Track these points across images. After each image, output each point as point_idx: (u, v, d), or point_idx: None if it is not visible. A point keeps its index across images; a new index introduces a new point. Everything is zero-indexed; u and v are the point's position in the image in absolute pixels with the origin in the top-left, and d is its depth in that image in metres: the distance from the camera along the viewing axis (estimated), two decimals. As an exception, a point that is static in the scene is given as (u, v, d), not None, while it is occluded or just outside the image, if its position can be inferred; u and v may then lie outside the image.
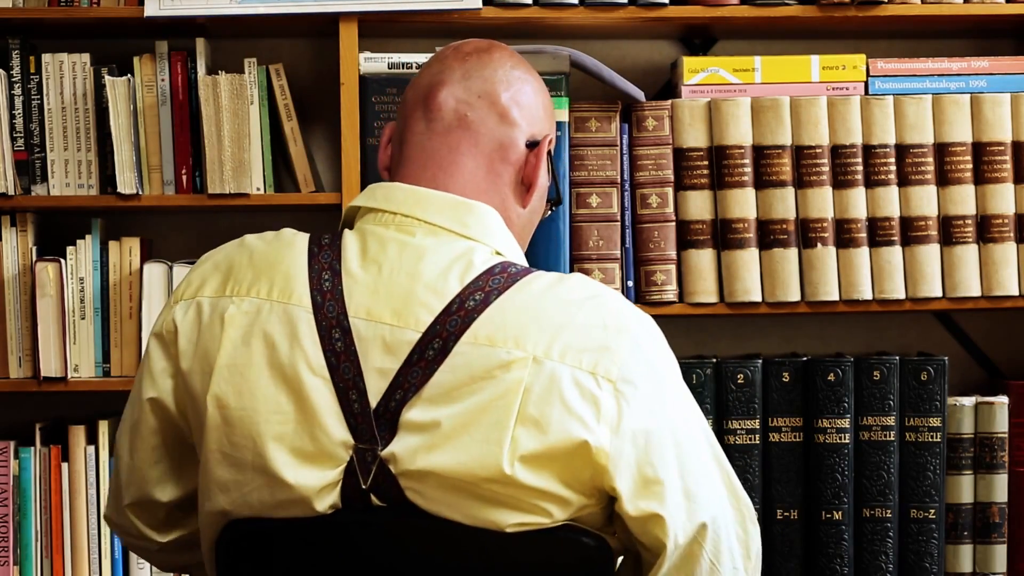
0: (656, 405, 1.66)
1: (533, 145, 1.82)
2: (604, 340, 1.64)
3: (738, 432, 2.53)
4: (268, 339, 1.67)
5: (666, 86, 2.75)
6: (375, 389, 1.64)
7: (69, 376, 2.56)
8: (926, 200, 2.57)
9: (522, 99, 1.82)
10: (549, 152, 1.86)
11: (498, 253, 1.74)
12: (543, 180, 1.85)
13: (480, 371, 1.62)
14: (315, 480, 1.65)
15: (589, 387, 1.63)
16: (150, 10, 2.51)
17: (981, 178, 2.58)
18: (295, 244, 1.74)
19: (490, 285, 1.66)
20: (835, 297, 2.57)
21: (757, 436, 2.54)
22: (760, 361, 2.55)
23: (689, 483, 1.67)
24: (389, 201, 1.75)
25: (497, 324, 1.63)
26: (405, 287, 1.67)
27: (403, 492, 1.64)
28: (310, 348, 1.66)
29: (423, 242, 1.71)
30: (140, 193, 2.56)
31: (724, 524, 1.69)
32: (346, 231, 1.76)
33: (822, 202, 2.56)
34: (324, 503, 1.66)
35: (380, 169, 1.87)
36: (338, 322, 1.66)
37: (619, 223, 2.56)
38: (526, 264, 1.77)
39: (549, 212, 1.96)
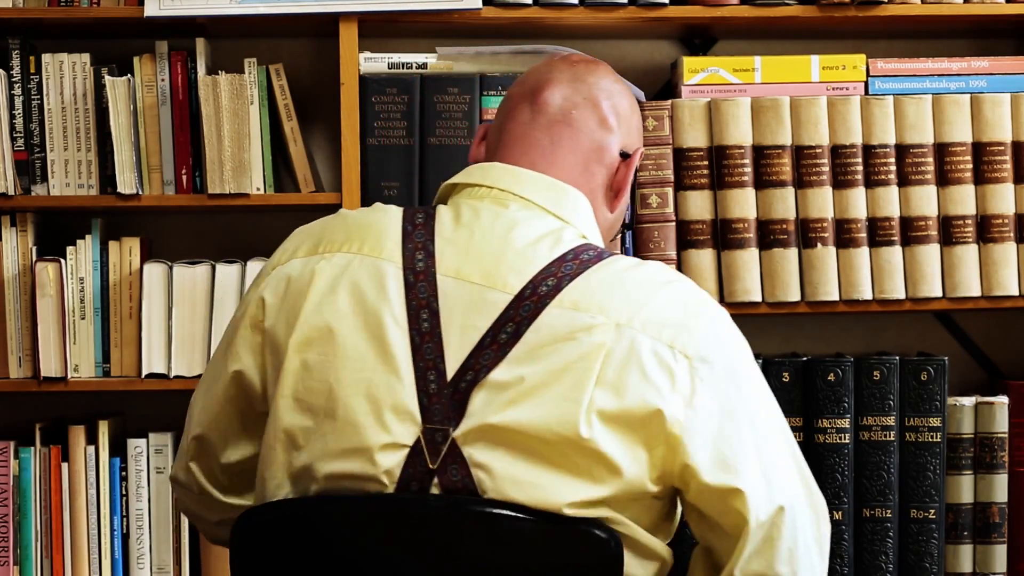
0: (730, 387, 1.69)
1: (626, 155, 1.89)
2: (683, 319, 1.69)
3: (738, 432, 2.53)
4: (356, 288, 1.71)
5: (666, 86, 2.75)
6: (453, 352, 1.67)
7: (69, 376, 2.56)
8: (926, 200, 2.57)
9: (621, 111, 1.90)
10: (637, 168, 1.92)
11: (584, 237, 1.79)
12: (627, 193, 1.90)
13: (563, 332, 1.66)
14: (382, 436, 1.66)
15: (667, 359, 1.66)
16: (150, 10, 2.51)
17: (981, 178, 2.58)
18: (389, 212, 1.79)
19: (562, 271, 1.70)
20: (835, 297, 2.57)
21: (757, 436, 2.54)
22: (760, 361, 2.55)
23: (767, 465, 1.69)
24: (486, 177, 1.81)
25: (582, 291, 1.68)
26: (496, 251, 1.72)
27: (470, 472, 1.65)
28: (396, 301, 1.69)
29: (516, 214, 1.77)
30: (140, 193, 2.56)
31: (801, 516, 1.70)
32: (440, 206, 1.81)
33: (822, 202, 2.56)
34: (386, 462, 1.66)
35: (470, 163, 1.91)
36: (427, 303, 1.69)
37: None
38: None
39: (618, 234, 2.01)
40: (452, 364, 1.67)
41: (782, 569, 1.67)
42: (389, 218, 1.78)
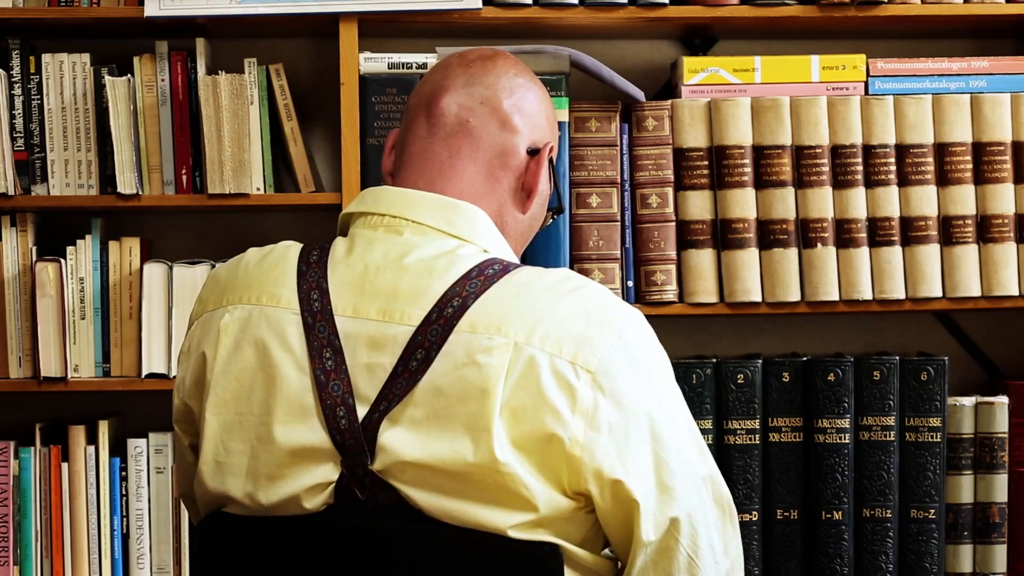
0: (635, 398, 1.66)
1: (534, 152, 1.84)
2: (585, 331, 1.65)
3: (738, 432, 2.53)
4: (259, 343, 1.70)
5: (666, 86, 2.75)
6: (363, 390, 1.66)
7: (69, 376, 2.56)
8: (926, 200, 2.57)
9: (524, 106, 1.84)
10: (551, 160, 1.87)
11: (485, 251, 1.76)
12: (544, 187, 1.86)
13: (463, 357, 1.63)
14: (305, 480, 1.67)
15: (567, 376, 1.63)
16: (150, 10, 2.51)
17: (981, 178, 2.58)
18: (288, 254, 1.77)
19: (467, 290, 1.67)
20: (835, 297, 2.57)
21: (757, 436, 2.54)
22: (760, 361, 2.55)
23: (664, 477, 1.67)
24: (378, 204, 1.77)
25: (478, 313, 1.65)
26: (390, 283, 1.69)
27: (401, 498, 1.65)
28: (297, 347, 1.69)
29: (410, 239, 1.73)
30: (140, 193, 2.56)
31: (703, 520, 1.68)
32: (337, 239, 1.79)
33: (822, 202, 2.56)
34: (313, 503, 1.68)
35: (384, 174, 1.89)
36: (329, 342, 1.68)
37: (619, 223, 2.56)
38: (516, 261, 1.78)
39: (551, 220, 1.99)
40: (364, 400, 1.66)
41: None
42: (287, 261, 1.76)
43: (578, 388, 1.63)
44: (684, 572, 1.67)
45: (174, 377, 2.54)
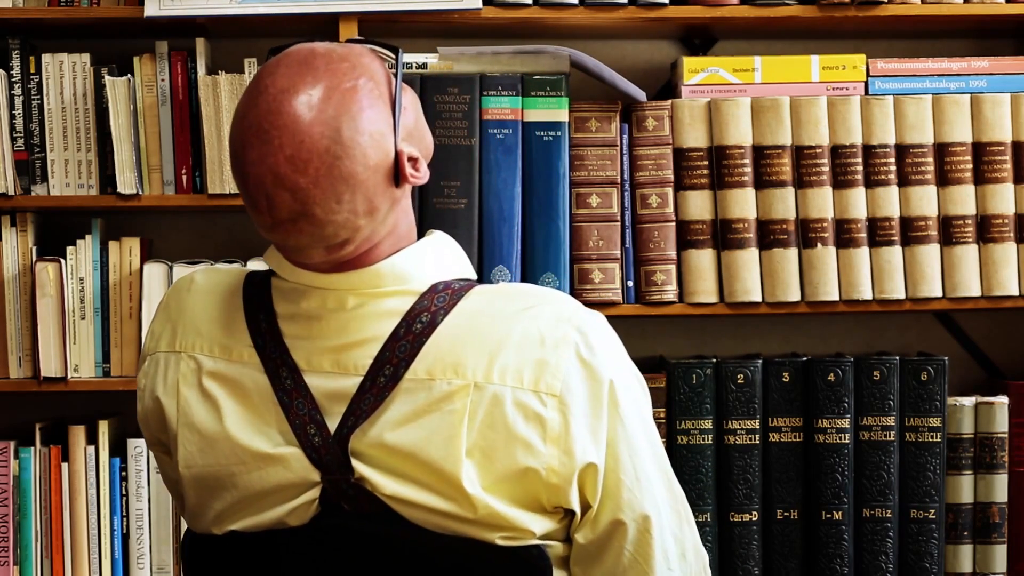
0: (599, 408, 1.65)
1: (397, 167, 1.63)
2: (542, 354, 1.62)
3: (738, 432, 2.53)
4: (215, 397, 1.69)
5: (666, 86, 2.75)
6: (331, 424, 1.65)
7: (69, 376, 2.56)
8: (926, 200, 2.57)
9: (368, 162, 1.59)
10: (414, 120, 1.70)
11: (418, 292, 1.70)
12: (424, 151, 1.71)
13: (423, 405, 1.61)
14: (285, 508, 1.67)
15: (533, 407, 1.62)
16: (150, 10, 2.51)
17: (981, 178, 2.58)
18: (236, 293, 1.73)
19: (435, 304, 1.64)
20: (835, 297, 2.57)
21: (757, 436, 2.54)
22: (760, 361, 2.55)
23: (611, 483, 1.65)
24: (299, 279, 1.69)
25: (434, 356, 1.62)
26: (338, 331, 1.66)
27: (387, 506, 1.64)
28: (256, 399, 1.67)
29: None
30: (140, 193, 2.56)
31: (657, 523, 1.67)
32: (273, 280, 1.73)
33: (822, 202, 2.56)
34: (303, 517, 1.68)
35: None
36: (283, 361, 1.66)
37: (619, 223, 2.56)
38: (466, 267, 1.75)
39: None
40: (331, 425, 1.64)
41: None
42: (235, 298, 1.71)
43: (546, 416, 1.62)
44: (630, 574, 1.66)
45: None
